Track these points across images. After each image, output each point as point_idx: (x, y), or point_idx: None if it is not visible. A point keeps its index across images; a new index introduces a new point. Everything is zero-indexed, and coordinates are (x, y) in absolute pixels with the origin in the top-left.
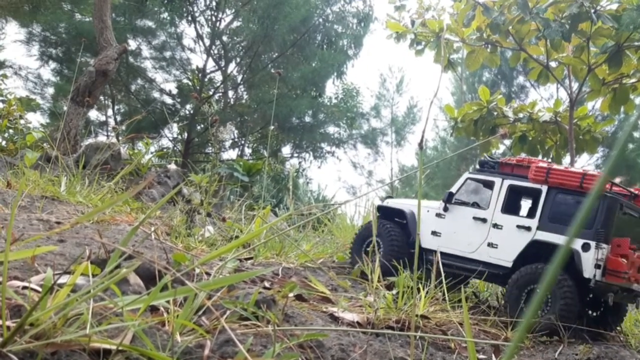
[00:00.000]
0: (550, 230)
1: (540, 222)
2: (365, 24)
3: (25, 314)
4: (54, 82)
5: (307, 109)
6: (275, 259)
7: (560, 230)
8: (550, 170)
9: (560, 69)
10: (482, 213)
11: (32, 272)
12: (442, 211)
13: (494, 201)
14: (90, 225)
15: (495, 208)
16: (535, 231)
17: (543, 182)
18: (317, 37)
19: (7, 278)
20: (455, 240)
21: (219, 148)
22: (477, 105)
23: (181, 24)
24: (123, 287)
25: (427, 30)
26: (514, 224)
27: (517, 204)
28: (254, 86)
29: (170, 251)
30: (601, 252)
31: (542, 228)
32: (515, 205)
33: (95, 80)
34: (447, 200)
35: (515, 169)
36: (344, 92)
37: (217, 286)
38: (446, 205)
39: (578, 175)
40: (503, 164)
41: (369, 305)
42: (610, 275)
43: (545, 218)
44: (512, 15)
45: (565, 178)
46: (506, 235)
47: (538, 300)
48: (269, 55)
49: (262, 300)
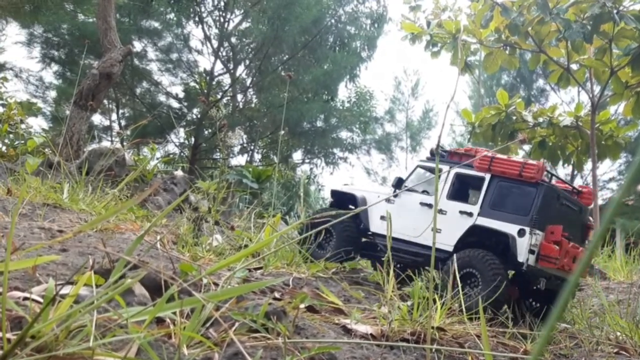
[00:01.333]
0: (490, 217)
1: (482, 208)
2: (379, 25)
3: (27, 326)
4: (56, 85)
5: (319, 113)
6: (285, 268)
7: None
8: (494, 159)
9: (581, 72)
10: (428, 199)
11: (34, 282)
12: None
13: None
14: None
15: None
16: (477, 217)
17: (486, 170)
18: (329, 39)
19: (7, 289)
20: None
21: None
22: (495, 109)
23: (188, 24)
24: (128, 298)
25: (443, 32)
26: (457, 209)
27: (462, 192)
28: (264, 89)
29: (176, 261)
30: (535, 238)
31: (483, 214)
32: (460, 192)
33: (99, 83)
34: (396, 186)
35: (463, 158)
36: (357, 96)
37: (226, 297)
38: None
39: (518, 164)
40: (452, 153)
41: (383, 316)
42: (543, 261)
43: (486, 205)
44: (532, 15)
45: (506, 167)
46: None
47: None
48: (279, 58)
49: (272, 311)
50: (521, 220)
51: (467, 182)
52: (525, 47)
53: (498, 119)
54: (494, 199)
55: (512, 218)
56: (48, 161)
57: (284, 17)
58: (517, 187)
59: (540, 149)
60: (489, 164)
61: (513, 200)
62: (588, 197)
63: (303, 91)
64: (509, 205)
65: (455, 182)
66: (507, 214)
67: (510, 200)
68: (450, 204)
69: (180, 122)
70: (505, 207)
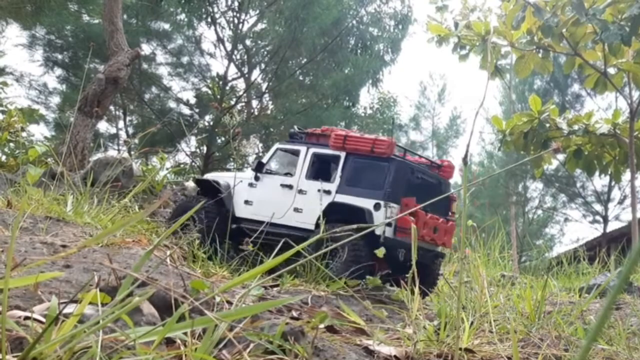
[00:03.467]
0: (348, 193)
1: (339, 186)
2: (403, 27)
3: (28, 347)
4: (59, 90)
5: (340, 120)
6: (304, 286)
7: (356, 192)
8: (347, 137)
9: (619, 76)
10: (289, 180)
11: (35, 300)
12: (253, 180)
13: (300, 168)
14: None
15: (300, 175)
16: (335, 194)
17: (341, 148)
18: (351, 41)
19: (7, 307)
20: (265, 207)
21: (241, 163)
22: (527, 116)
23: (200, 26)
24: (136, 318)
25: (472, 33)
26: (316, 188)
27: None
28: (281, 95)
29: (187, 277)
30: (390, 211)
31: (341, 191)
32: (318, 171)
33: (105, 88)
34: (256, 169)
35: (320, 139)
36: (380, 102)
37: (240, 316)
38: (257, 174)
39: (370, 141)
40: (310, 134)
41: (407, 337)
42: (400, 232)
43: (343, 182)
44: (566, 16)
45: (359, 144)
46: (310, 200)
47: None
48: (297, 61)
49: (290, 331)
50: (376, 194)
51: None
52: (559, 49)
53: (530, 127)
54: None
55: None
56: (51, 171)
57: (302, 17)
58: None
59: (575, 159)
60: (343, 142)
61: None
62: (448, 171)
63: (322, 97)
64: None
65: (314, 162)
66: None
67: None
68: (310, 184)
69: (191, 129)
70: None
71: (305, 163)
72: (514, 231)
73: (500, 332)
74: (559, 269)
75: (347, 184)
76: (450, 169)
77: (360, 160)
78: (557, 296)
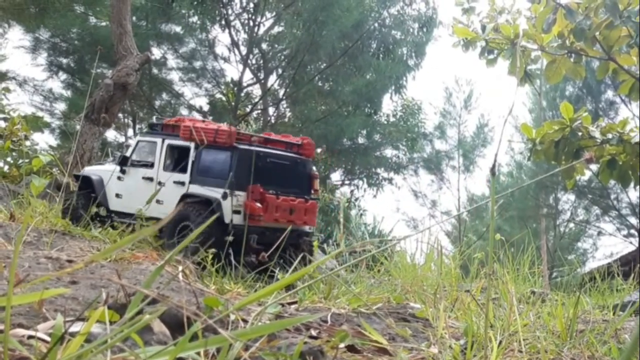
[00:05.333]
0: (199, 183)
1: (192, 176)
2: (428, 30)
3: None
4: (65, 96)
5: (361, 129)
6: (323, 303)
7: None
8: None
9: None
10: (149, 172)
11: (40, 318)
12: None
13: (157, 160)
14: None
15: (159, 167)
16: (188, 185)
17: (190, 139)
18: (372, 45)
19: (10, 326)
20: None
21: None
22: (558, 124)
23: (213, 29)
24: (146, 336)
25: (500, 37)
26: (172, 180)
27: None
28: (299, 102)
29: (200, 294)
30: (237, 199)
31: (193, 182)
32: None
33: (113, 94)
34: (120, 163)
35: (175, 129)
36: (403, 109)
37: (256, 335)
38: (122, 168)
39: (212, 131)
40: (166, 124)
41: (432, 357)
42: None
43: (195, 172)
44: (600, 19)
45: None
46: (168, 192)
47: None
48: (316, 66)
49: (308, 351)
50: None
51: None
52: (592, 54)
53: (562, 135)
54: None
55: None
56: (56, 182)
57: (321, 20)
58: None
59: (609, 169)
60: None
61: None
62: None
63: (343, 104)
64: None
65: (169, 154)
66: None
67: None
68: (166, 175)
69: None
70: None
71: (162, 155)
72: (545, 245)
73: (530, 351)
74: (591, 285)
75: (199, 174)
76: (310, 147)
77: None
78: (589, 314)
